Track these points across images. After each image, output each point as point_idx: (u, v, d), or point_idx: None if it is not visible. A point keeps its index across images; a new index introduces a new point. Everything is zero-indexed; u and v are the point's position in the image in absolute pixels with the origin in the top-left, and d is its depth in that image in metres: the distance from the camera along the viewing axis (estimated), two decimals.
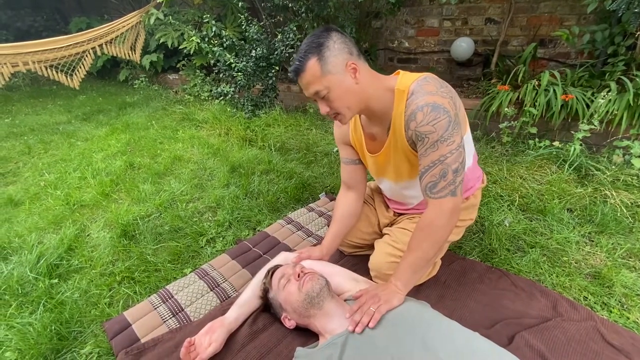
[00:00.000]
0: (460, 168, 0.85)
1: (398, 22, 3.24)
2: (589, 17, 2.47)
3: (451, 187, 0.85)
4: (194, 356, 0.92)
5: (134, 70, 4.25)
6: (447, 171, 0.84)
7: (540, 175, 1.86)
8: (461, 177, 0.86)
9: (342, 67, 0.88)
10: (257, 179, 1.97)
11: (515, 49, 2.82)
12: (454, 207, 0.87)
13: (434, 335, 0.77)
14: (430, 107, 0.84)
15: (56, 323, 1.09)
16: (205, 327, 0.99)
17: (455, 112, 0.86)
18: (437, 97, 0.84)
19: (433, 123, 0.84)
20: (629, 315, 1.07)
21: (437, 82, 0.89)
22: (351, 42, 0.91)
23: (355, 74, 0.89)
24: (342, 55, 0.87)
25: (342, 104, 0.92)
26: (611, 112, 1.89)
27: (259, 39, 2.84)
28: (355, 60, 0.89)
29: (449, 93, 0.88)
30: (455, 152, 0.84)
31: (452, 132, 0.84)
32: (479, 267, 1.27)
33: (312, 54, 0.86)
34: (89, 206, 1.83)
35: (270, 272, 1.05)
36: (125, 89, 4.22)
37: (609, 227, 1.44)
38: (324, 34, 0.88)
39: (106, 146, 2.57)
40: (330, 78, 0.88)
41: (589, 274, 1.25)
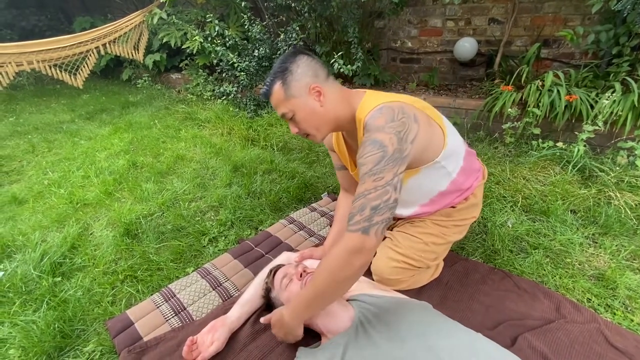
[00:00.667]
0: (382, 207, 0.76)
1: (401, 22, 3.23)
2: (594, 17, 2.46)
3: (364, 224, 0.75)
4: (196, 355, 0.93)
5: (137, 70, 4.26)
6: (365, 206, 0.76)
7: (544, 176, 1.85)
8: (382, 217, 0.75)
9: (305, 91, 0.91)
10: (259, 179, 1.97)
11: (519, 49, 2.80)
12: (361, 248, 0.75)
13: (436, 336, 0.77)
14: (369, 142, 0.82)
15: (59, 321, 1.10)
16: (208, 325, 1.00)
17: (398, 148, 0.79)
18: (380, 133, 0.81)
19: (366, 156, 0.80)
20: (632, 317, 1.07)
21: (391, 114, 0.84)
22: (319, 65, 0.94)
23: (319, 97, 0.92)
24: (305, 79, 0.91)
25: (309, 125, 0.96)
26: (615, 113, 1.88)
27: (262, 39, 2.85)
28: (320, 83, 0.92)
29: (399, 127, 0.82)
30: (380, 189, 0.77)
31: (382, 168, 0.78)
32: (481, 268, 1.27)
33: (277, 79, 0.92)
34: (92, 205, 1.84)
35: (272, 272, 1.05)
36: (128, 89, 4.23)
37: (613, 229, 1.43)
38: (290, 59, 0.92)
39: (109, 145, 2.58)
40: (293, 101, 0.92)
41: (593, 276, 1.24)
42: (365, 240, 0.75)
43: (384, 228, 0.77)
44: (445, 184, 1.05)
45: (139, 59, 3.52)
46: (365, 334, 0.81)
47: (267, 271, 1.09)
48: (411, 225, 1.16)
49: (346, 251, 0.76)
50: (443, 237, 1.12)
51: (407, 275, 1.12)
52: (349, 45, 2.83)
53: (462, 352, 0.72)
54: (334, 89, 0.96)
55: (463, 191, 1.11)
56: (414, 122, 0.86)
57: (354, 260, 0.76)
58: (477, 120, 2.45)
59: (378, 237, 0.76)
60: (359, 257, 0.76)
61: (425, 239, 1.11)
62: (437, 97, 2.68)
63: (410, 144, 0.83)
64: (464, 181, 1.08)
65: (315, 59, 0.95)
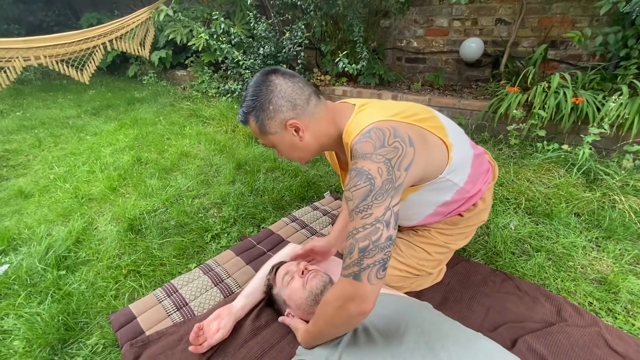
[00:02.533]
0: (372, 249, 0.66)
1: (407, 22, 3.22)
2: (602, 19, 2.43)
3: (354, 269, 0.67)
4: (202, 340, 0.95)
5: (142, 66, 4.29)
6: (354, 248, 0.68)
7: (548, 178, 1.84)
8: (373, 259, 0.66)
9: (281, 127, 0.84)
10: (262, 177, 1.98)
11: (526, 50, 2.79)
12: (353, 295, 0.68)
13: (436, 335, 0.77)
14: (355, 172, 0.71)
15: (63, 314, 1.12)
16: (213, 313, 1.03)
17: (388, 179, 0.69)
18: (367, 162, 0.70)
19: (352, 190, 0.70)
20: (634, 321, 1.06)
21: (380, 138, 0.73)
22: (297, 89, 0.82)
23: (298, 132, 0.84)
24: (281, 115, 0.82)
25: (292, 156, 0.91)
26: (622, 116, 1.86)
27: (267, 37, 2.86)
28: (299, 116, 0.82)
29: (390, 153, 0.71)
30: (369, 228, 0.67)
31: (370, 203, 0.68)
32: (483, 270, 1.27)
33: (250, 113, 0.84)
34: (96, 200, 1.85)
35: (274, 269, 1.06)
36: (134, 85, 4.26)
37: (616, 233, 1.42)
38: (262, 87, 0.81)
39: (114, 141, 2.60)
40: (270, 137, 0.86)
41: (595, 280, 1.24)
42: (358, 288, 0.67)
43: (379, 270, 0.67)
44: (450, 194, 0.96)
45: (145, 56, 3.54)
46: (364, 331, 0.82)
47: (271, 265, 1.11)
48: (415, 234, 1.11)
49: (339, 298, 0.70)
50: (447, 247, 1.09)
51: (408, 282, 1.11)
52: (354, 44, 2.83)
53: (461, 352, 0.72)
54: (317, 115, 0.84)
55: (471, 197, 1.03)
56: (408, 146, 0.74)
57: (348, 307, 0.69)
58: (482, 122, 2.43)
59: (373, 283, 0.67)
60: (353, 305, 0.68)
61: (429, 249, 1.08)
62: (442, 97, 2.68)
63: (405, 171, 0.72)
64: (471, 188, 1.00)
65: (291, 80, 0.83)
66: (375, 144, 0.72)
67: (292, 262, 1.05)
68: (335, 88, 3.11)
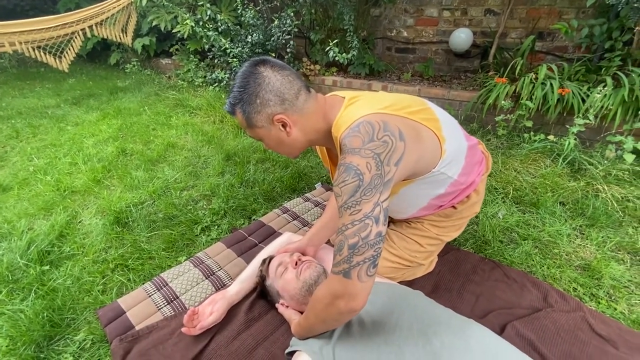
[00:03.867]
0: (362, 245, 0.65)
1: (397, 11, 3.19)
2: (588, 10, 2.46)
3: (344, 266, 0.66)
4: (196, 323, 0.97)
5: (125, 54, 4.13)
6: (343, 245, 0.67)
7: (534, 168, 1.88)
8: (363, 256, 0.65)
9: (268, 121, 0.81)
10: (252, 168, 1.95)
11: (514, 42, 2.81)
12: (342, 293, 0.67)
13: (429, 322, 0.78)
14: (343, 168, 0.70)
15: (48, 310, 1.08)
16: (208, 299, 1.04)
17: (377, 174, 0.68)
18: (356, 157, 0.69)
19: (341, 185, 0.69)
20: (616, 306, 1.10)
21: (369, 132, 0.71)
22: (286, 82, 0.79)
23: (285, 127, 0.82)
24: (268, 109, 0.79)
25: (279, 150, 0.90)
26: (606, 107, 1.91)
27: (255, 25, 2.78)
28: (287, 111, 0.80)
29: (379, 148, 0.69)
30: (357, 224, 0.66)
31: (359, 199, 0.67)
32: (472, 258, 1.29)
33: (237, 105, 0.82)
34: (80, 192, 1.79)
35: (266, 261, 1.05)
36: (116, 73, 4.11)
37: (599, 221, 1.46)
38: (250, 79, 0.79)
39: (97, 131, 2.51)
40: (257, 131, 0.84)
41: (579, 266, 1.28)
42: (348, 285, 0.66)
43: (369, 268, 0.66)
44: (444, 187, 0.95)
45: (127, 43, 3.41)
46: (358, 320, 0.82)
47: (266, 253, 1.10)
48: (408, 226, 1.11)
49: (329, 295, 0.70)
50: (439, 238, 1.10)
51: (400, 273, 1.12)
52: (344, 33, 2.79)
53: (453, 338, 0.73)
54: (306, 110, 0.82)
55: (465, 189, 1.02)
56: (398, 140, 0.71)
57: (337, 304, 0.68)
58: (471, 112, 2.45)
59: (363, 280, 0.65)
60: (342, 302, 0.67)
61: (421, 241, 1.08)
62: (432, 88, 2.68)
63: (395, 166, 0.70)
64: (465, 180, 0.98)
65: (280, 73, 0.80)
66: (364, 139, 0.70)
67: (285, 253, 1.05)
68: (325, 78, 3.07)
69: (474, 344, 0.72)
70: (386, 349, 0.73)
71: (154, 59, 4.06)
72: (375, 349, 0.73)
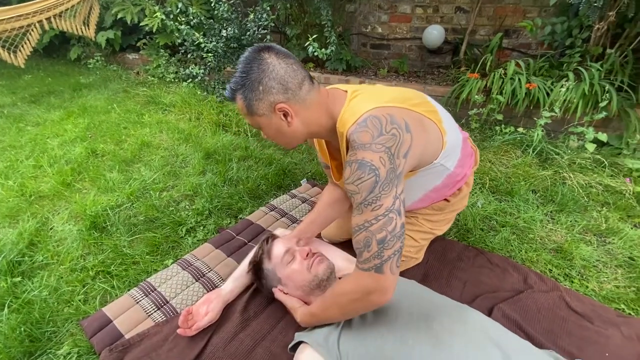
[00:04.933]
0: (390, 239, 0.67)
1: (371, 7, 3.22)
2: (550, 9, 2.62)
3: (376, 262, 0.68)
4: (192, 324, 0.95)
5: (87, 48, 3.87)
6: (370, 241, 0.68)
7: (507, 159, 1.98)
8: (393, 249, 0.68)
9: (269, 110, 0.79)
10: (235, 166, 1.91)
11: (482, 39, 2.93)
12: (375, 288, 0.69)
13: (427, 308, 0.81)
14: (357, 165, 0.70)
15: (26, 324, 1.01)
16: (202, 298, 1.02)
17: (391, 168, 0.69)
18: (368, 153, 0.69)
19: (357, 183, 0.70)
20: (587, 284, 1.20)
21: (378, 126, 0.71)
22: (290, 70, 0.77)
23: (287, 117, 0.80)
24: (270, 97, 0.77)
25: (278, 140, 0.88)
26: (569, 100, 2.04)
27: (229, 18, 2.70)
28: (289, 100, 0.78)
29: (389, 141, 0.70)
30: (382, 218, 0.68)
31: (378, 194, 0.68)
32: (457, 247, 1.35)
33: (238, 90, 0.79)
34: (48, 197, 1.68)
35: (268, 241, 1.00)
36: (78, 69, 3.84)
37: (567, 206, 1.58)
38: (254, 65, 0.76)
39: (62, 131, 2.35)
40: (257, 119, 0.82)
41: (553, 249, 1.37)
42: (380, 280, 0.68)
43: (398, 259, 0.69)
44: (441, 178, 0.98)
45: (89, 36, 3.19)
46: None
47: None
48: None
49: (358, 291, 0.72)
50: (432, 232, 1.14)
51: None
52: (321, 28, 2.78)
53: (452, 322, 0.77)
54: (309, 101, 0.80)
55: (458, 181, 1.05)
56: (405, 133, 0.73)
57: (369, 299, 0.71)
58: (445, 107, 2.53)
59: (394, 273, 0.68)
60: (374, 296, 0.70)
61: (416, 236, 1.11)
62: (408, 83, 2.74)
63: (404, 158, 0.72)
64: (460, 172, 1.01)
65: (285, 61, 0.78)
66: (373, 133, 0.71)
67: (292, 240, 1.00)
68: None
69: (471, 326, 0.76)
70: (389, 335, 0.75)
71: (119, 53, 3.84)
72: (379, 337, 0.75)
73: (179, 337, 0.98)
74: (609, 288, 1.18)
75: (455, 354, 0.70)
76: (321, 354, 0.74)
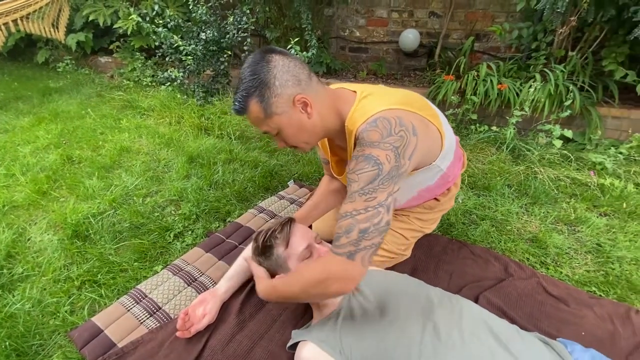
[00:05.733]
0: (372, 231, 0.68)
1: (349, 11, 3.29)
2: (516, 15, 2.78)
3: (351, 249, 0.68)
4: (189, 325, 0.94)
5: (55, 51, 3.69)
6: (353, 228, 0.68)
7: (483, 156, 2.09)
8: (371, 242, 0.68)
9: (289, 105, 0.78)
10: (220, 169, 1.90)
11: (455, 42, 3.06)
12: (341, 275, 0.69)
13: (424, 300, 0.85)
14: (363, 157, 0.72)
15: (10, 338, 0.97)
16: (197, 299, 1.02)
17: (395, 166, 0.72)
18: (376, 150, 0.72)
19: (359, 173, 0.72)
20: (561, 270, 1.29)
21: (387, 127, 0.74)
22: (299, 66, 0.79)
23: (306, 108, 0.80)
24: (288, 90, 0.77)
25: (298, 140, 0.86)
26: (537, 99, 2.18)
27: (208, 21, 2.68)
28: (304, 90, 0.78)
29: (397, 142, 0.73)
30: (371, 210, 0.69)
31: (376, 187, 0.70)
32: (442, 240, 1.41)
33: (252, 95, 0.77)
34: (23, 207, 1.60)
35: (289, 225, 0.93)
36: (46, 73, 3.66)
37: (540, 199, 1.68)
38: (262, 64, 0.76)
39: (33, 138, 2.24)
40: (277, 119, 0.80)
41: (529, 239, 1.46)
42: (349, 267, 0.68)
43: (371, 255, 0.69)
44: (434, 179, 1.01)
45: (59, 39, 3.06)
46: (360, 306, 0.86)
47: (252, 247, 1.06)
48: (395, 220, 1.15)
49: (325, 273, 0.70)
50: (422, 230, 1.18)
51: (385, 265, 1.18)
52: (300, 31, 2.81)
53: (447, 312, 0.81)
54: (321, 92, 0.82)
55: (447, 182, 1.09)
56: (412, 135, 0.75)
57: (330, 284, 0.70)
58: None
59: (365, 265, 0.68)
60: (337, 283, 0.69)
61: (407, 234, 1.15)
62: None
63: (408, 159, 0.75)
64: (451, 172, 1.05)
65: (291, 58, 0.79)
66: (382, 133, 0.73)
67: (312, 235, 0.94)
68: None
69: (465, 314, 0.81)
70: (391, 328, 0.78)
71: (91, 56, 3.69)
72: (381, 329, 0.78)
73: (175, 342, 0.97)
74: (581, 272, 1.27)
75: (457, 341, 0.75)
76: (323, 349, 0.76)
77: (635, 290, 1.20)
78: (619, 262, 1.31)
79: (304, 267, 0.79)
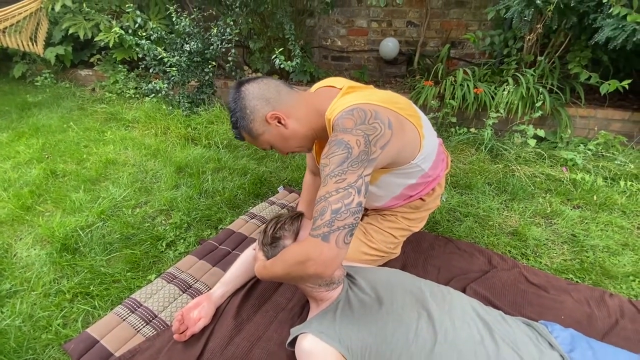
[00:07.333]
0: (344, 211, 0.69)
1: (330, 22, 3.39)
2: (488, 23, 2.94)
3: (324, 230, 0.69)
4: (184, 329, 0.97)
5: (33, 65, 3.62)
6: (326, 209, 0.70)
7: (464, 157, 2.18)
8: (344, 222, 0.69)
9: (264, 124, 0.89)
10: (209, 178, 1.91)
11: (432, 50, 3.20)
12: (317, 256, 0.69)
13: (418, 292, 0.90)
14: (334, 142, 0.76)
15: (1, 354, 0.95)
16: (192, 302, 1.04)
17: (364, 150, 0.74)
18: (347, 135, 0.75)
19: (330, 156, 0.74)
20: (541, 260, 1.37)
21: (362, 116, 0.78)
22: (264, 87, 0.88)
23: (281, 121, 0.89)
24: (259, 113, 0.87)
25: (290, 147, 0.95)
26: (510, 102, 2.31)
27: (191, 33, 2.71)
28: (275, 107, 0.87)
29: (369, 130, 0.76)
30: (342, 191, 0.71)
31: (345, 169, 0.72)
32: (429, 237, 1.47)
33: (237, 127, 0.91)
34: (7, 223, 1.56)
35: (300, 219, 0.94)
36: (23, 87, 3.57)
37: (518, 195, 1.78)
38: (235, 98, 0.88)
39: (14, 153, 2.19)
40: (262, 139, 0.91)
41: (509, 233, 1.54)
42: (324, 249, 0.68)
43: (347, 235, 0.69)
44: (416, 178, 1.05)
45: (38, 52, 3.01)
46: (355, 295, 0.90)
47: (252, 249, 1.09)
48: (384, 220, 1.18)
49: (303, 254, 0.72)
50: (410, 229, 1.22)
51: (377, 263, 1.22)
52: (283, 42, 2.87)
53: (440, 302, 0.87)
54: (293, 101, 0.89)
55: (431, 182, 1.11)
56: (387, 128, 0.78)
57: (308, 266, 0.71)
58: None
59: (340, 247, 0.69)
60: (315, 265, 0.70)
61: (396, 233, 1.19)
62: None
63: (380, 149, 0.77)
64: (433, 173, 1.08)
65: (259, 82, 0.89)
66: (356, 121, 0.77)
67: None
68: None
69: (455, 303, 0.87)
70: (388, 317, 0.82)
71: (70, 70, 3.64)
72: (379, 319, 0.82)
73: (173, 348, 0.98)
74: (559, 262, 1.36)
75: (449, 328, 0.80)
76: (323, 339, 0.79)
77: (608, 275, 1.28)
78: (593, 250, 1.40)
79: (287, 250, 0.83)
